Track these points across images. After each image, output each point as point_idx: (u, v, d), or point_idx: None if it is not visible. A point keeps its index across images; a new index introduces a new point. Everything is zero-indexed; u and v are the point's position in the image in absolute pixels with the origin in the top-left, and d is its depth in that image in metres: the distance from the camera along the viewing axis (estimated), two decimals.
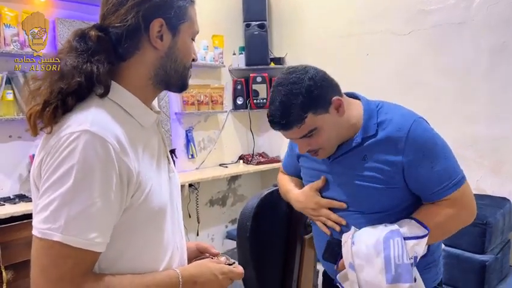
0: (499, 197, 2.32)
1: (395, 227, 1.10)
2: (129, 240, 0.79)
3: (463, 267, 2.02)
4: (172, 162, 0.97)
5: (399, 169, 1.11)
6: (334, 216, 1.21)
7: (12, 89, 2.31)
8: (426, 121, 1.16)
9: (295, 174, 1.43)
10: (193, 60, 0.91)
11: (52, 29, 2.51)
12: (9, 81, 2.29)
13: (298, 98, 1.07)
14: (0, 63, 2.26)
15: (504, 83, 2.37)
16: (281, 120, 1.10)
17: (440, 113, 2.57)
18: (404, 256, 1.05)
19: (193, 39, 0.90)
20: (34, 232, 0.71)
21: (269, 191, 1.51)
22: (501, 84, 2.38)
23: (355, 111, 1.18)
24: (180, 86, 0.90)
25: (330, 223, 1.22)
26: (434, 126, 1.19)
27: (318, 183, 1.24)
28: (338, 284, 1.18)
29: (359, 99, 1.22)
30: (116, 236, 0.76)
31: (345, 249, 1.14)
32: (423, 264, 1.15)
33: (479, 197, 2.29)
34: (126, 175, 0.74)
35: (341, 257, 1.16)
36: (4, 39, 2.23)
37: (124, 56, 0.82)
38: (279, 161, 3.51)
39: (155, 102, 3.00)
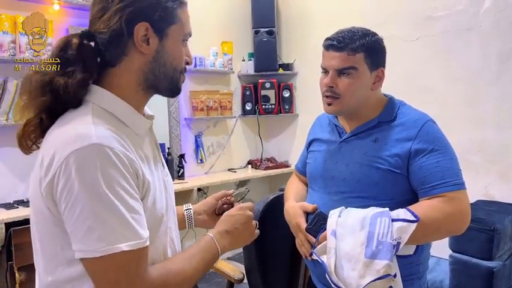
0: (508, 203, 2.30)
1: (385, 209, 1.10)
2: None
3: (471, 274, 2.01)
4: (166, 166, 0.98)
5: (406, 156, 1.14)
6: (304, 249, 1.25)
7: None
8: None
9: (304, 170, 1.46)
10: (187, 63, 0.90)
11: None
12: None
13: (365, 37, 1.19)
14: (15, 71, 2.32)
15: None
16: (342, 39, 1.19)
17: (448, 118, 2.57)
18: (388, 235, 1.04)
19: (185, 41, 0.88)
20: (86, 255, 0.71)
21: (275, 195, 1.53)
22: (509, 90, 2.38)
23: (381, 97, 1.28)
24: (171, 90, 0.89)
25: (302, 249, 1.26)
26: (442, 131, 1.21)
27: (309, 206, 1.28)
28: (314, 256, 1.15)
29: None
30: None
31: (330, 220, 1.13)
32: (406, 272, 1.13)
33: (487, 203, 2.30)
34: (137, 177, 0.78)
35: (323, 231, 1.14)
36: (19, 46, 2.30)
37: (112, 62, 0.82)
38: (287, 166, 3.53)
39: (163, 107, 3.06)
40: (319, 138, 1.37)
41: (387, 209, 1.10)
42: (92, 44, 0.83)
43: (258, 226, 1.04)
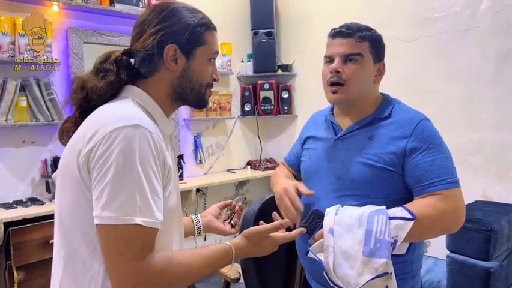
0: (506, 203, 2.31)
1: (382, 207, 1.11)
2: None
3: (467, 274, 2.01)
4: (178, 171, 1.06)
5: (401, 154, 1.15)
6: (291, 214, 1.22)
7: (26, 96, 2.39)
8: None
9: (294, 162, 1.47)
10: (215, 80, 1.01)
11: (65, 38, 2.59)
12: (23, 88, 2.37)
13: (370, 30, 1.26)
14: (15, 71, 2.33)
15: (510, 89, 2.37)
16: (350, 26, 1.24)
17: (446, 119, 2.57)
18: (386, 233, 1.04)
19: (213, 60, 1.00)
20: (104, 221, 0.77)
21: (271, 195, 1.53)
22: (507, 91, 2.38)
23: (378, 95, 1.31)
24: (197, 102, 1.01)
25: (290, 215, 1.22)
26: (441, 132, 1.22)
27: (305, 189, 1.26)
28: (310, 254, 1.15)
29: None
30: None
31: (327, 218, 1.13)
32: (399, 271, 1.13)
33: (484, 204, 2.30)
34: (164, 166, 0.86)
35: (319, 229, 1.14)
36: (19, 47, 2.31)
37: (146, 75, 0.95)
38: None
39: None
40: (314, 135, 1.38)
41: (384, 207, 1.10)
42: (132, 60, 0.96)
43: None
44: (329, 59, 1.26)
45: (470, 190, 1.05)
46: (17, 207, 2.27)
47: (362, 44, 1.22)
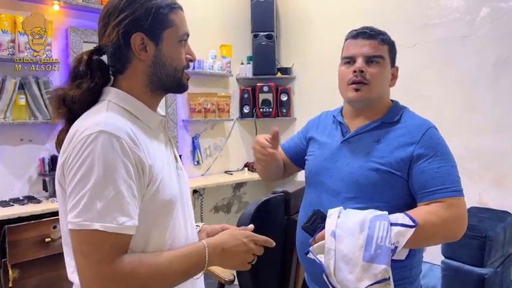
0: (501, 210, 2.31)
1: (384, 212, 1.10)
2: (149, 227, 0.87)
3: (462, 280, 2.02)
4: (180, 161, 1.04)
5: (408, 159, 1.15)
6: (258, 154, 1.31)
7: (25, 94, 2.39)
8: None
9: (289, 151, 1.48)
10: (191, 60, 0.97)
11: (65, 37, 2.60)
12: (22, 86, 2.38)
13: (387, 35, 1.29)
14: (15, 70, 2.34)
15: (508, 97, 2.38)
16: (373, 29, 1.26)
17: (444, 125, 2.53)
18: (387, 239, 1.04)
19: (184, 41, 0.95)
20: (71, 227, 0.79)
21: (267, 198, 1.54)
22: (505, 97, 2.39)
23: (389, 100, 1.32)
24: (177, 87, 0.96)
25: (257, 155, 1.32)
26: None
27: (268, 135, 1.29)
28: (310, 255, 1.14)
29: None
30: (138, 223, 0.83)
31: (329, 220, 1.12)
32: (399, 276, 1.13)
33: (480, 210, 2.30)
34: (141, 166, 0.83)
35: (320, 230, 1.14)
36: (19, 46, 2.32)
37: (121, 70, 0.92)
38: None
39: (162, 109, 3.07)
40: (320, 137, 1.37)
41: (386, 212, 1.10)
42: (104, 57, 0.93)
43: (254, 261, 0.99)
44: (349, 60, 1.26)
45: (466, 196, 1.05)
46: (13, 205, 2.27)
47: (383, 47, 1.24)
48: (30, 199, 2.37)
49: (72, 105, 0.89)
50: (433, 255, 2.20)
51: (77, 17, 2.65)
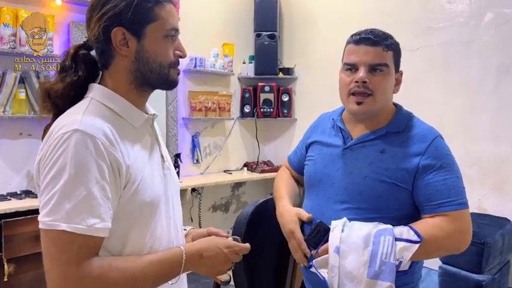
0: (500, 217, 2.30)
1: (388, 226, 1.09)
2: (128, 229, 0.85)
3: (459, 286, 2.01)
4: (168, 161, 1.00)
5: (413, 171, 1.13)
6: (298, 255, 1.22)
7: (25, 88, 2.38)
8: None
9: (298, 165, 1.44)
10: (180, 56, 0.92)
11: (67, 32, 2.59)
12: (22, 80, 2.37)
13: (392, 38, 1.21)
14: (15, 63, 2.33)
15: (510, 103, 2.37)
16: (377, 34, 1.18)
17: (444, 130, 2.53)
18: (391, 255, 1.03)
19: (172, 37, 0.90)
20: (40, 226, 0.77)
21: (265, 199, 1.53)
22: (507, 104, 2.38)
23: (392, 105, 1.26)
24: (164, 84, 0.93)
25: (297, 256, 1.24)
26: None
27: (305, 215, 1.25)
28: (313, 269, 1.13)
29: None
30: (115, 224, 0.81)
31: (333, 234, 1.10)
32: (400, 283, 1.11)
33: (479, 217, 2.29)
34: (116, 167, 0.81)
35: (324, 243, 1.12)
36: (20, 40, 2.31)
37: (105, 65, 0.90)
38: None
39: (161, 106, 3.06)
40: (319, 140, 1.33)
41: (391, 226, 1.09)
42: (92, 52, 0.91)
43: (231, 268, 0.98)
44: (351, 67, 1.19)
45: None
46: (10, 199, 2.27)
47: (387, 54, 1.17)
48: (27, 193, 2.37)
49: (56, 100, 0.87)
50: (430, 260, 2.18)
51: (80, 12, 2.64)
